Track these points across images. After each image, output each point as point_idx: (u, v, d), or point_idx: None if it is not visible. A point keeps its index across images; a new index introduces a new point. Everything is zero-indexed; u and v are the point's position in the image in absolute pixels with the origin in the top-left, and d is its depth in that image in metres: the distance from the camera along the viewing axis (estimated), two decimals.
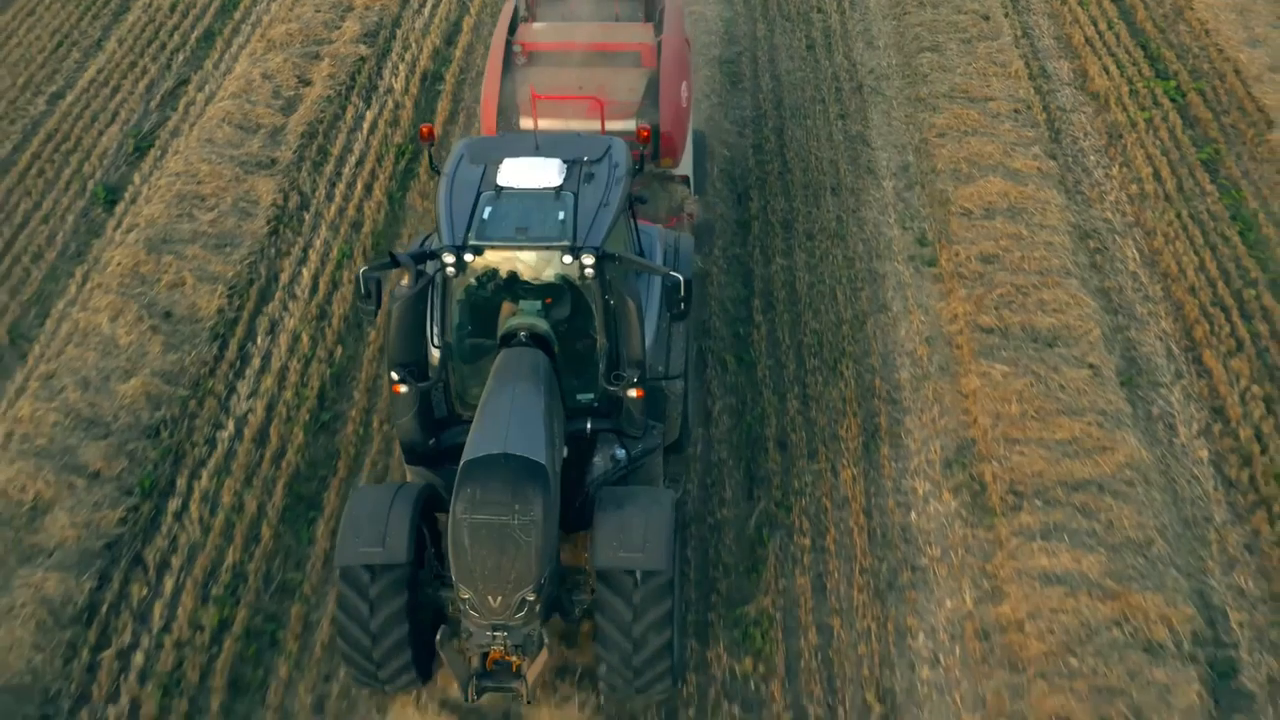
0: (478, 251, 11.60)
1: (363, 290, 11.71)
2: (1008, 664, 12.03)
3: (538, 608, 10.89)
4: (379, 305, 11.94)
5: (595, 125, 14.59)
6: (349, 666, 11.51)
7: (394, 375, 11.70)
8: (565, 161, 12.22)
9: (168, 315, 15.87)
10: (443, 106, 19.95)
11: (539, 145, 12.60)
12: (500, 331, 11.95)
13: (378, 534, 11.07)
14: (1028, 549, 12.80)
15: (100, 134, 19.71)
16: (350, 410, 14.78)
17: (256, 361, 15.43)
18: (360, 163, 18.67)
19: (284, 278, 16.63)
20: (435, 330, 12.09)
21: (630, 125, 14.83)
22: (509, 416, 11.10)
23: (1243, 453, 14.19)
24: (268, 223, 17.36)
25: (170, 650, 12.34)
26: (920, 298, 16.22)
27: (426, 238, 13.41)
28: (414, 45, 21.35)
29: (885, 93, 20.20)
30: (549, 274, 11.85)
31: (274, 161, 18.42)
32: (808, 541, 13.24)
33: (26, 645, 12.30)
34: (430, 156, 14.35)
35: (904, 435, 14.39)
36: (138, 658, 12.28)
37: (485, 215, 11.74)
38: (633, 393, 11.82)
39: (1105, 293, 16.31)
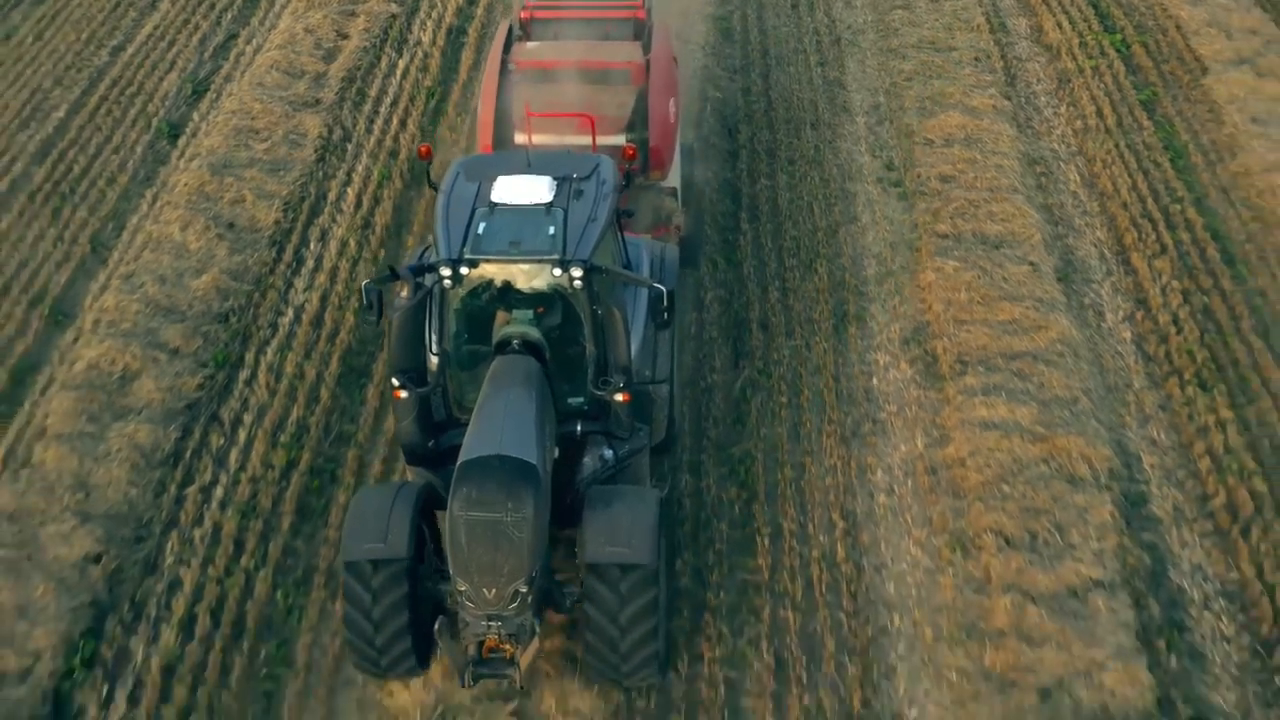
0: (473, 264, 12.03)
1: (365, 301, 12.15)
2: (951, 492, 14.21)
3: (530, 599, 11.31)
4: (380, 315, 12.32)
5: (587, 140, 15.01)
6: (353, 653, 12.00)
7: (395, 381, 12.19)
8: (556, 179, 12.67)
9: (231, 226, 18.05)
10: (466, 57, 22.15)
11: (531, 163, 13.05)
12: (495, 339, 12.40)
13: (380, 531, 11.53)
14: (970, 404, 14.99)
15: (160, 80, 21.91)
16: (390, 294, 16.94)
17: (310, 263, 17.63)
18: (395, 103, 20.88)
19: (331, 195, 18.83)
20: (434, 338, 12.48)
21: (620, 140, 15.34)
22: (503, 420, 11.54)
23: (1160, 334, 16.37)
24: (315, 151, 19.56)
25: (246, 484, 14.53)
26: (886, 211, 18.39)
27: (425, 250, 13.99)
28: (440, 4, 23.55)
29: (860, 44, 22.41)
30: (540, 285, 12.26)
31: (318, 101, 20.63)
32: (784, 400, 15.42)
33: (123, 482, 14.47)
34: (428, 173, 14.97)
35: (869, 319, 16.57)
36: (218, 491, 14.47)
37: (480, 230, 12.22)
38: (619, 397, 12.27)
39: (1048, 208, 18.50)
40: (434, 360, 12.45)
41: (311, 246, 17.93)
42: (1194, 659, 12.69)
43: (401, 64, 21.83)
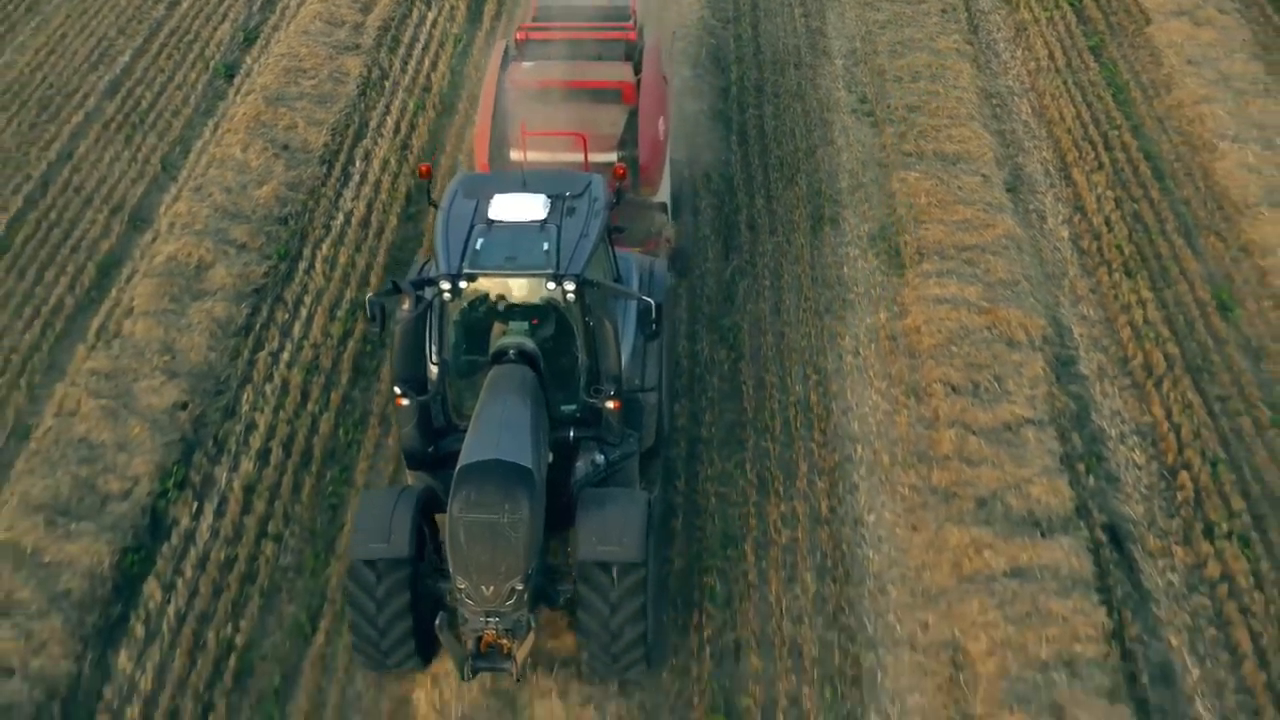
0: (471, 279, 12.46)
1: (368, 314, 12.59)
2: (907, 353, 16.55)
3: (526, 596, 11.74)
4: (384, 327, 12.78)
5: (580, 158, 15.46)
6: (357, 648, 12.46)
7: (397, 390, 12.61)
8: (550, 197, 13.07)
9: (285, 147, 20.39)
10: (488, 9, 24.50)
11: (526, 182, 13.40)
12: (492, 349, 12.79)
13: (383, 532, 11.95)
14: (926, 284, 17.32)
15: (214, 29, 24.26)
16: (428, 207, 19.26)
17: (356, 177, 19.98)
18: (426, 48, 23.23)
19: (373, 123, 21.18)
20: (434, 349, 12.87)
21: (612, 157, 15.76)
22: (500, 426, 11.94)
23: (1094, 233, 18.70)
24: (357, 87, 21.90)
25: (309, 349, 16.87)
26: (859, 136, 20.73)
27: (425, 264, 14.67)
28: None
29: None
30: (535, 298, 12.70)
31: (358, 46, 22.97)
32: (767, 283, 17.77)
33: (203, 348, 16.79)
34: (428, 191, 15.51)
35: (841, 221, 18.91)
36: (284, 355, 16.80)
37: (478, 246, 12.61)
38: (611, 404, 12.69)
39: (1001, 133, 20.84)
40: (434, 369, 12.84)
41: (357, 164, 20.28)
42: (1109, 480, 15.02)
43: (430, 15, 24.17)
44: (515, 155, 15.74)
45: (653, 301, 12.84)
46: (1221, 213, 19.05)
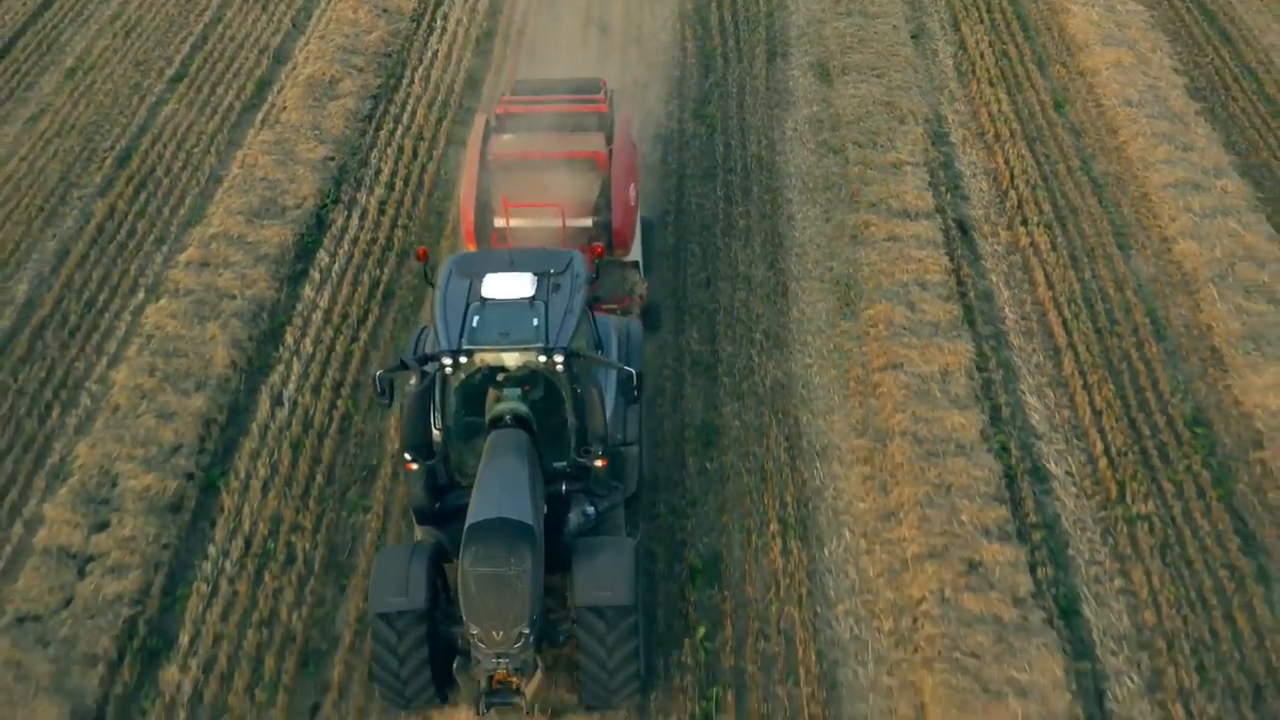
0: (469, 354, 13.38)
1: (378, 389, 13.59)
2: (830, 127, 23.13)
3: (532, 638, 12.59)
4: (393, 400, 14.05)
5: (558, 223, 16.73)
6: (381, 691, 13.27)
7: (407, 456, 13.38)
8: (536, 274, 13.97)
9: (385, 10, 27.06)
10: None
11: (513, 261, 14.40)
12: (489, 415, 13.58)
13: (401, 585, 12.73)
14: (845, 88, 23.96)
15: None
16: (492, 58, 25.95)
17: (438, 29, 26.69)
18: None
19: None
20: (437, 415, 13.69)
21: (588, 222, 17.06)
22: (501, 487, 12.81)
23: (971, 61, 25.35)
24: None
25: (415, 128, 23.52)
26: (806, 3, 27.40)
27: (421, 333, 15.83)
28: None
29: None
30: (527, 368, 13.57)
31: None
32: (734, 91, 24.43)
33: (341, 126, 23.32)
34: (426, 272, 16.38)
35: (790, 55, 25.49)
36: (398, 130, 23.44)
37: (474, 323, 13.54)
38: (598, 463, 13.60)
39: (911, 3, 27.51)
40: (438, 434, 13.74)
41: (437, 22, 26.98)
42: (962, 197, 21.66)
43: None
44: (499, 223, 17.09)
45: (633, 370, 13.94)
46: (1068, 51, 25.72)
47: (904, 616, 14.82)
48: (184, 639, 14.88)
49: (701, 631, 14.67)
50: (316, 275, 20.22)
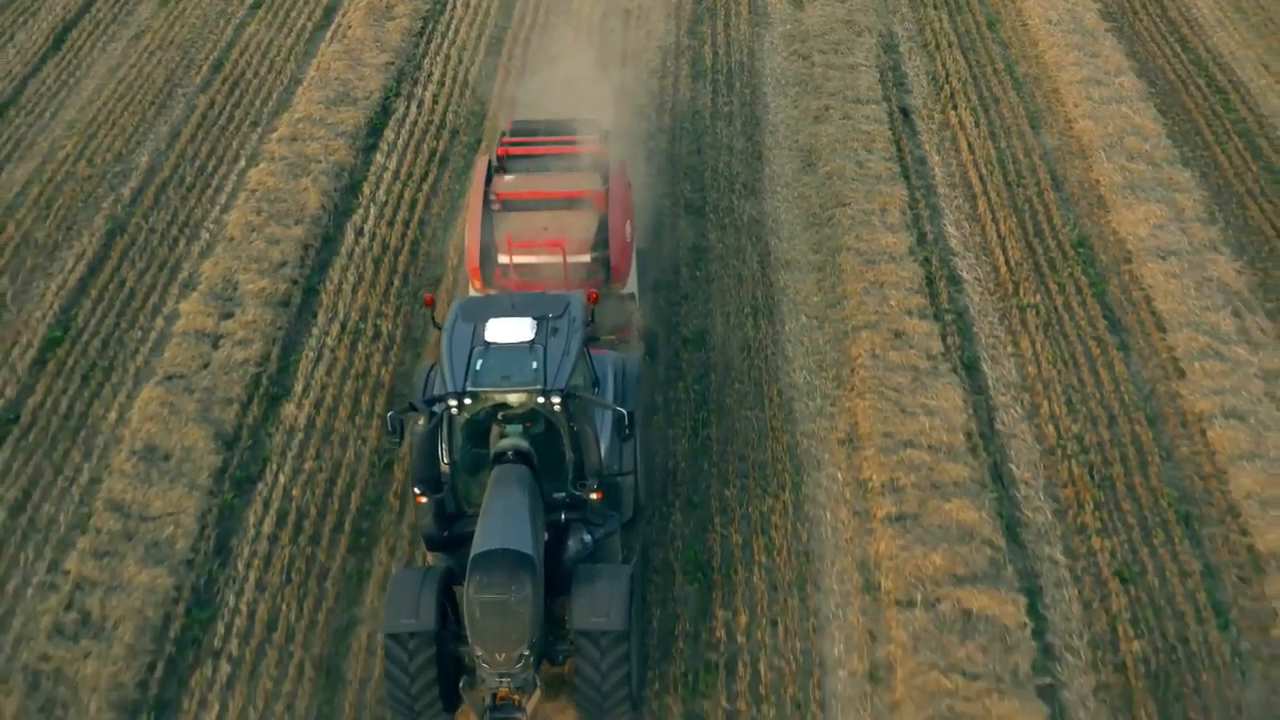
0: (474, 395, 14.09)
1: (388, 428, 14.41)
2: (800, 39, 27.68)
3: (532, 659, 13.24)
4: (402, 438, 14.89)
5: (559, 259, 17.26)
6: (393, 707, 13.76)
7: (416, 490, 14.06)
8: (535, 319, 14.59)
9: None
10: None
11: (515, 305, 15.00)
12: (493, 450, 14.24)
13: (413, 608, 13.33)
14: (814, 11, 28.52)
15: None
16: (509, 30, 30.35)
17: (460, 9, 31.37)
18: None
19: None
20: (445, 451, 14.31)
21: (586, 258, 17.62)
22: (504, 518, 13.42)
23: (932, 28, 29.91)
24: None
25: (459, 41, 28.07)
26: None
27: (431, 370, 16.35)
28: None
29: None
30: (528, 407, 14.22)
31: None
32: (723, 38, 28.98)
33: (399, 39, 27.87)
34: (433, 317, 17.29)
35: (773, 25, 29.65)
36: (445, 43, 27.98)
37: (478, 366, 14.22)
38: (594, 495, 14.23)
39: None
40: (445, 468, 14.39)
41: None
42: (905, 90, 26.17)
43: None
44: (503, 259, 17.69)
45: (625, 411, 14.50)
46: None
47: (844, 368, 19.32)
48: (298, 387, 19.39)
49: (691, 377, 19.22)
50: (384, 146, 24.76)
